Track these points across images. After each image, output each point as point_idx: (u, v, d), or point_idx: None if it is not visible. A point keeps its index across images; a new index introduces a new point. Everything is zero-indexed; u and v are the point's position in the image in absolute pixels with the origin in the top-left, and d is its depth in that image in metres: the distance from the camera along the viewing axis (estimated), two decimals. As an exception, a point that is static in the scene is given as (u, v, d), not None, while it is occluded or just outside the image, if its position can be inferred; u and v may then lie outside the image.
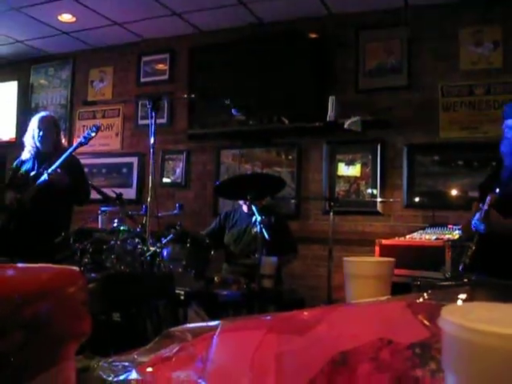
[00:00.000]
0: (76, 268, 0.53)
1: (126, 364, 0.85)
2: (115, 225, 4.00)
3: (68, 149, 4.34)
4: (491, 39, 4.91)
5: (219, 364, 0.69)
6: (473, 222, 2.90)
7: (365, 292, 1.15)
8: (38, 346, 0.41)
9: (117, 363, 0.87)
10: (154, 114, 3.51)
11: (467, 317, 0.43)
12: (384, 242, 4.20)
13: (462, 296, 0.91)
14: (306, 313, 0.77)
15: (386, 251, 4.02)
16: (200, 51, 5.92)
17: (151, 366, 0.78)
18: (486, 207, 2.79)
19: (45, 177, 4.11)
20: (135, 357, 0.87)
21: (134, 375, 0.79)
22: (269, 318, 0.82)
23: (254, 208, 3.56)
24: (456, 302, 0.70)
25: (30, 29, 6.14)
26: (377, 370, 0.67)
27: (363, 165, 5.26)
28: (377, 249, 4.15)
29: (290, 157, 5.57)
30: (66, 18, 5.81)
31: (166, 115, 6.11)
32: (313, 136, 5.42)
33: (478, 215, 2.86)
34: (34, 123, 4.48)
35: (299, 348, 0.68)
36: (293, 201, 5.18)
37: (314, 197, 5.34)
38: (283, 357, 0.67)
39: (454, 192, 4.45)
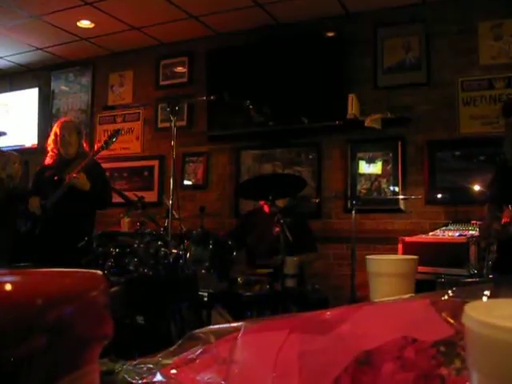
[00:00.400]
0: (99, 272, 0.54)
1: (151, 366, 0.86)
2: (138, 228, 4.03)
3: (89, 154, 4.39)
4: (510, 33, 4.85)
5: (242, 365, 0.70)
6: (492, 233, 2.89)
7: (388, 290, 1.14)
8: (61, 350, 0.41)
9: (141, 366, 0.88)
10: (173, 117, 3.53)
11: (490, 313, 0.42)
12: (407, 239, 4.17)
13: (487, 293, 0.90)
14: (329, 312, 0.77)
15: (409, 248, 3.99)
16: (218, 53, 5.94)
17: (175, 368, 0.78)
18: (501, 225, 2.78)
19: (67, 181, 4.14)
20: (159, 359, 0.88)
21: (158, 377, 0.79)
22: (292, 318, 0.81)
23: (275, 208, 3.56)
24: (480, 298, 0.69)
25: (49, 36, 6.22)
26: (401, 368, 0.67)
27: (384, 162, 5.23)
28: (400, 246, 4.12)
29: (310, 156, 5.56)
30: (85, 24, 5.87)
31: (185, 118, 6.14)
32: (333, 134, 5.40)
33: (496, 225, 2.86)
34: (55, 128, 4.52)
35: (323, 347, 0.68)
36: (314, 200, 5.17)
37: (336, 195, 5.31)
38: (306, 356, 0.67)
39: (476, 187, 4.40)
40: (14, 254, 4.50)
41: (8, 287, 0.41)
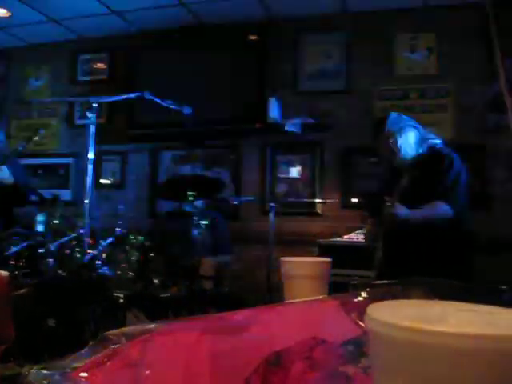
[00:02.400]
0: (2, 272, 0.52)
1: (59, 370, 0.83)
2: (52, 227, 3.90)
3: (6, 148, 4.22)
4: (426, 46, 5.07)
5: (153, 367, 0.69)
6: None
7: (301, 292, 1.16)
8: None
9: (49, 369, 0.85)
10: (92, 114, 3.45)
11: (391, 314, 0.44)
12: (322, 242, 4.26)
13: (395, 294, 0.93)
14: (240, 313, 0.77)
15: (324, 251, 4.09)
16: (140, 51, 5.86)
17: (85, 371, 0.76)
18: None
19: None
20: (69, 363, 0.85)
21: (67, 381, 0.77)
22: (203, 319, 0.82)
23: (193, 209, 3.55)
24: (388, 299, 0.71)
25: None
26: (310, 368, 0.68)
27: (303, 166, 5.33)
28: (316, 249, 4.21)
29: (230, 158, 5.58)
30: (0, 12, 5.62)
31: (104, 115, 6.01)
32: (253, 137, 5.45)
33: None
34: None
35: (234, 348, 0.69)
36: (233, 202, 5.19)
37: (255, 198, 5.36)
38: (218, 358, 0.67)
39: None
40: None
41: None
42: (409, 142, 3.06)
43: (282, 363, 0.67)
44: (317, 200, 5.19)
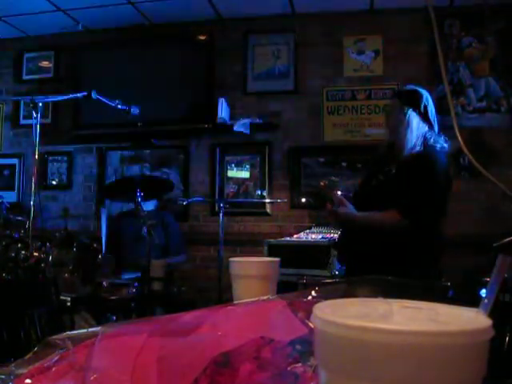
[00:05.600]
0: None
1: (2, 377, 0.81)
2: (-5, 230, 3.80)
3: None
4: (372, 48, 5.17)
5: (99, 371, 0.68)
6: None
7: (250, 292, 1.16)
8: None
9: (-9, 376, 0.83)
10: (36, 114, 3.37)
11: (335, 313, 0.45)
12: (272, 241, 4.28)
13: (342, 293, 0.95)
14: (188, 315, 0.77)
15: (273, 251, 4.10)
16: (87, 50, 5.76)
17: (29, 377, 0.75)
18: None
19: None
20: (13, 369, 0.84)
21: (10, 388, 0.76)
22: (151, 321, 0.81)
23: (142, 210, 3.52)
24: (336, 298, 0.73)
25: None
26: (259, 368, 0.69)
27: (252, 166, 5.35)
28: (265, 249, 4.23)
29: (178, 158, 5.55)
30: None
31: (50, 115, 5.88)
32: (202, 137, 5.44)
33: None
34: None
35: (182, 350, 0.68)
36: (181, 202, 5.16)
37: (203, 198, 5.35)
38: (165, 360, 0.67)
39: (338, 192, 4.61)
40: None
41: None
42: (413, 129, 2.80)
43: (230, 364, 0.67)
44: (266, 200, 5.22)
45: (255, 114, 5.23)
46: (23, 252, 3.43)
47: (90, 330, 0.78)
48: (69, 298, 3.21)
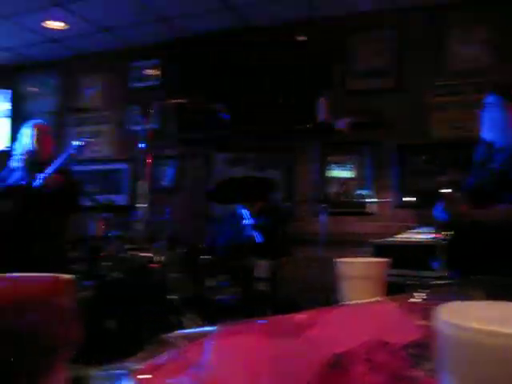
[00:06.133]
0: (67, 276, 0.53)
1: (120, 372, 0.84)
2: (108, 232, 3.99)
3: (60, 157, 4.33)
4: (479, 39, 4.94)
5: (212, 370, 0.69)
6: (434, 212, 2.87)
7: (358, 293, 1.14)
8: (28, 358, 0.40)
9: (110, 372, 0.86)
10: (144, 120, 3.50)
11: (465, 316, 0.43)
12: (377, 242, 4.19)
13: (455, 295, 0.91)
14: (299, 316, 0.77)
15: (378, 251, 4.02)
16: (190, 56, 5.92)
17: (145, 373, 0.77)
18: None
19: (40, 181, 4.06)
20: (129, 364, 0.86)
21: (128, 383, 0.78)
22: (262, 322, 0.81)
23: (246, 212, 3.56)
24: (449, 301, 0.70)
25: (19, 36, 6.13)
26: (371, 371, 0.67)
27: (354, 166, 5.28)
28: (369, 249, 4.15)
29: (281, 159, 5.58)
30: (55, 24, 5.79)
31: (156, 120, 6.09)
32: (304, 138, 5.43)
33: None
34: (25, 131, 4.45)
35: (293, 351, 0.68)
36: (285, 203, 5.18)
37: (307, 199, 5.33)
38: (277, 361, 0.67)
39: (444, 191, 4.46)
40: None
41: None
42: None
43: (343, 365, 0.66)
44: (369, 200, 5.12)
45: (357, 113, 5.15)
46: (134, 253, 3.58)
47: (202, 329, 0.80)
48: (176, 298, 3.30)
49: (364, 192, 5.20)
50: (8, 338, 0.40)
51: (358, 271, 1.22)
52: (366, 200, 5.14)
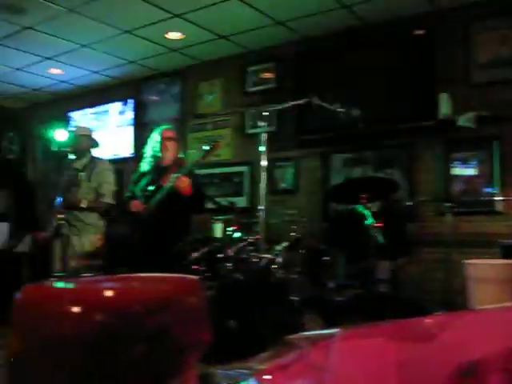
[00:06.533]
0: (195, 277, 0.54)
1: (244, 372, 0.85)
2: (229, 233, 4.07)
3: (186, 160, 4.52)
4: None
5: (337, 374, 0.68)
6: None
7: (490, 297, 1.08)
8: (160, 357, 0.41)
9: (234, 371, 0.87)
10: (262, 123, 3.54)
11: None
12: (506, 242, 3.96)
13: None
14: (427, 320, 0.73)
15: (507, 253, 3.79)
16: (305, 57, 5.93)
17: (269, 374, 0.77)
18: None
19: (171, 184, 4.24)
20: (253, 364, 0.87)
21: (252, 383, 0.79)
22: (388, 325, 0.79)
23: (366, 212, 3.50)
24: None
25: (140, 49, 6.45)
26: (509, 382, 0.63)
27: (480, 162, 5.02)
28: (497, 250, 3.92)
29: (401, 158, 5.42)
30: (174, 35, 6.03)
31: (274, 123, 6.15)
32: (424, 135, 5.24)
33: None
34: (154, 136, 4.66)
35: (422, 356, 0.65)
36: (407, 203, 5.03)
37: (429, 198, 5.14)
38: (405, 366, 0.64)
39: None
40: (112, 258, 4.69)
41: (108, 294, 0.42)
42: None
43: (477, 374, 0.62)
44: (497, 198, 4.84)
45: (480, 106, 4.89)
46: (254, 254, 3.62)
47: (326, 331, 0.78)
48: (297, 299, 3.30)
49: (491, 190, 4.93)
50: (139, 338, 0.41)
51: (490, 273, 1.15)
52: (494, 198, 4.87)
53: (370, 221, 3.44)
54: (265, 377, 0.79)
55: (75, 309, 0.42)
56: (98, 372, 0.41)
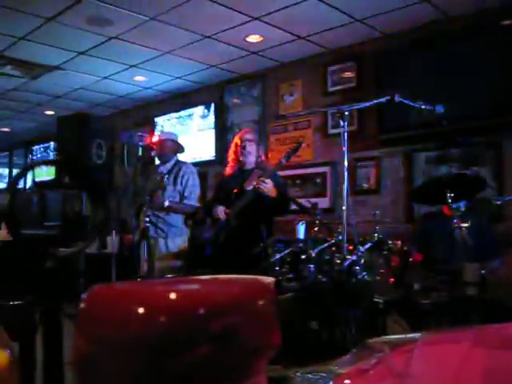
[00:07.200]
0: (267, 279, 0.53)
1: (324, 375, 0.84)
2: (312, 234, 4.06)
3: (268, 163, 4.56)
4: None
5: (419, 380, 0.65)
6: None
7: None
8: (227, 359, 0.41)
9: (314, 374, 0.86)
10: (343, 123, 3.49)
11: None
12: None
13: None
14: (517, 325, 0.69)
15: None
16: (385, 55, 5.82)
17: (348, 378, 0.75)
18: None
19: (254, 187, 4.28)
20: (332, 368, 0.86)
21: (331, 387, 0.77)
22: (474, 330, 0.75)
23: (453, 211, 3.38)
24: None
25: (221, 53, 6.55)
26: None
27: None
28: None
29: (488, 155, 5.21)
30: (254, 38, 6.07)
31: (355, 122, 6.08)
32: (513, 131, 5.01)
33: None
34: (237, 139, 4.72)
35: (511, 365, 0.61)
36: (496, 202, 4.82)
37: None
38: (492, 374, 0.60)
39: None
40: (195, 260, 4.78)
41: (172, 296, 0.42)
42: None
43: None
44: None
45: None
46: (337, 255, 3.59)
47: (408, 335, 0.76)
48: (381, 301, 3.24)
49: None
50: (203, 340, 0.40)
51: None
52: None
53: (456, 221, 3.32)
54: (345, 381, 0.78)
55: (138, 310, 0.43)
56: (161, 374, 0.41)
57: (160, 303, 0.42)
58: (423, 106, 3.73)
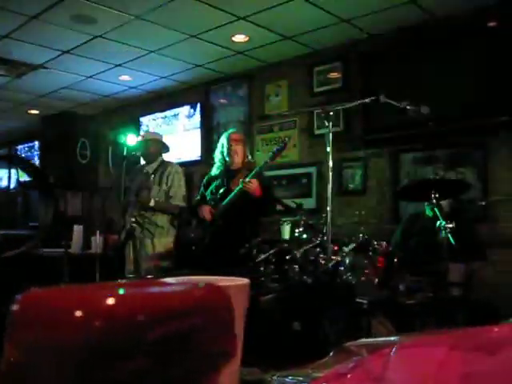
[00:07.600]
0: (242, 280, 0.50)
1: (300, 379, 0.82)
2: (297, 235, 4.04)
3: (254, 163, 4.55)
4: None
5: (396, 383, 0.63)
6: None
7: None
8: (172, 369, 0.38)
9: (292, 378, 0.84)
10: (329, 123, 3.48)
11: None
12: None
13: None
14: (497, 328, 0.67)
15: None
16: (371, 55, 5.82)
17: (325, 382, 0.73)
18: None
19: (240, 187, 4.28)
20: (310, 371, 0.84)
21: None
22: (453, 333, 0.73)
23: (437, 212, 3.38)
24: None
25: (206, 53, 6.51)
26: None
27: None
28: None
29: (474, 156, 5.22)
30: (240, 38, 6.04)
31: (341, 123, 6.07)
32: (500, 132, 5.03)
33: None
34: (223, 140, 4.71)
35: (489, 370, 0.59)
36: (480, 202, 4.83)
37: (505, 197, 4.92)
38: (470, 379, 0.58)
39: None
40: (181, 260, 4.76)
41: (110, 302, 0.39)
42: None
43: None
44: None
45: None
46: (322, 256, 3.58)
47: (387, 338, 0.74)
48: (366, 302, 3.23)
49: None
50: (142, 348, 0.38)
51: None
52: None
53: (440, 222, 3.32)
54: (322, 385, 0.75)
55: (73, 314, 0.40)
56: (98, 382, 0.38)
57: (95, 308, 0.40)
58: (409, 107, 3.73)
